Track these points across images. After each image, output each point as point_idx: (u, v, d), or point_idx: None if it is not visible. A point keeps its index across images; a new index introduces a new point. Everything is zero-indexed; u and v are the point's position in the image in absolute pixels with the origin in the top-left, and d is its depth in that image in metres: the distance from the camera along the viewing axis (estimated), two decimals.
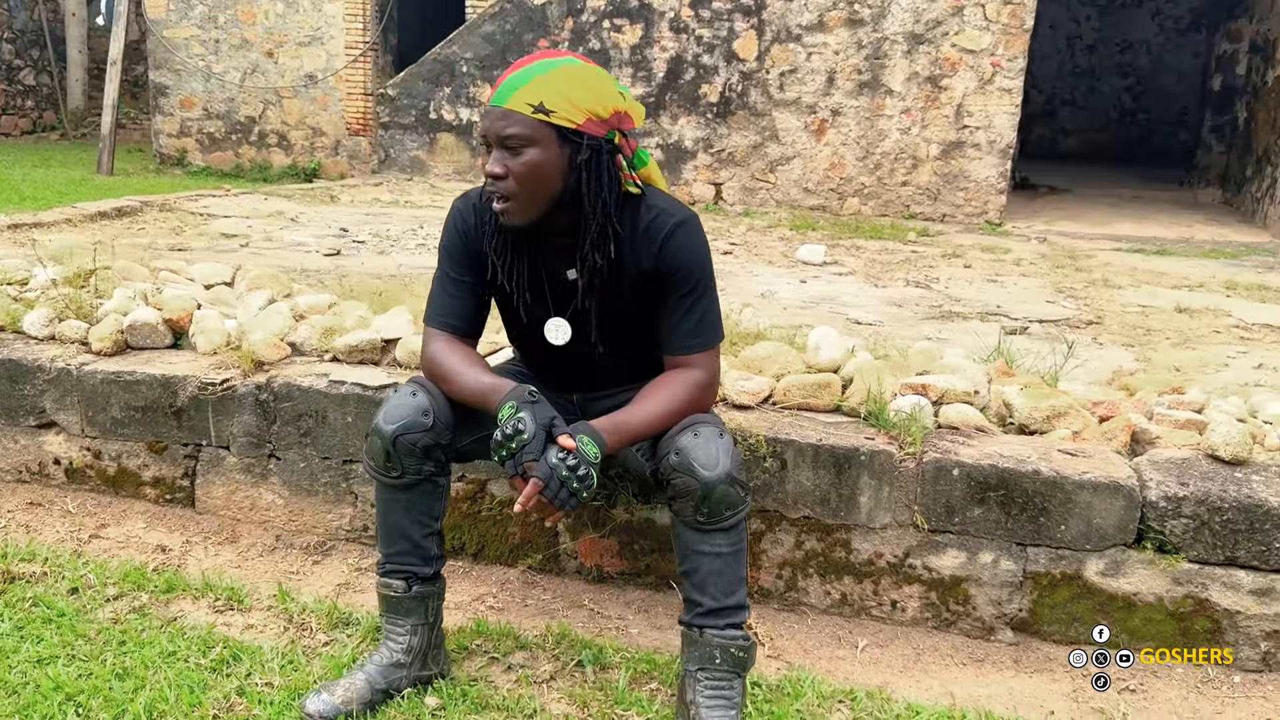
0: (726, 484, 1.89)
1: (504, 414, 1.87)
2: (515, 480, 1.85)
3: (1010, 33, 7.27)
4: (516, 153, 1.86)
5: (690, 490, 1.89)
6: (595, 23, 7.98)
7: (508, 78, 1.89)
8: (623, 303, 2.02)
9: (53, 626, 2.22)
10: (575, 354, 2.10)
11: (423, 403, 1.99)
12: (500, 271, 2.01)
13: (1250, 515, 2.20)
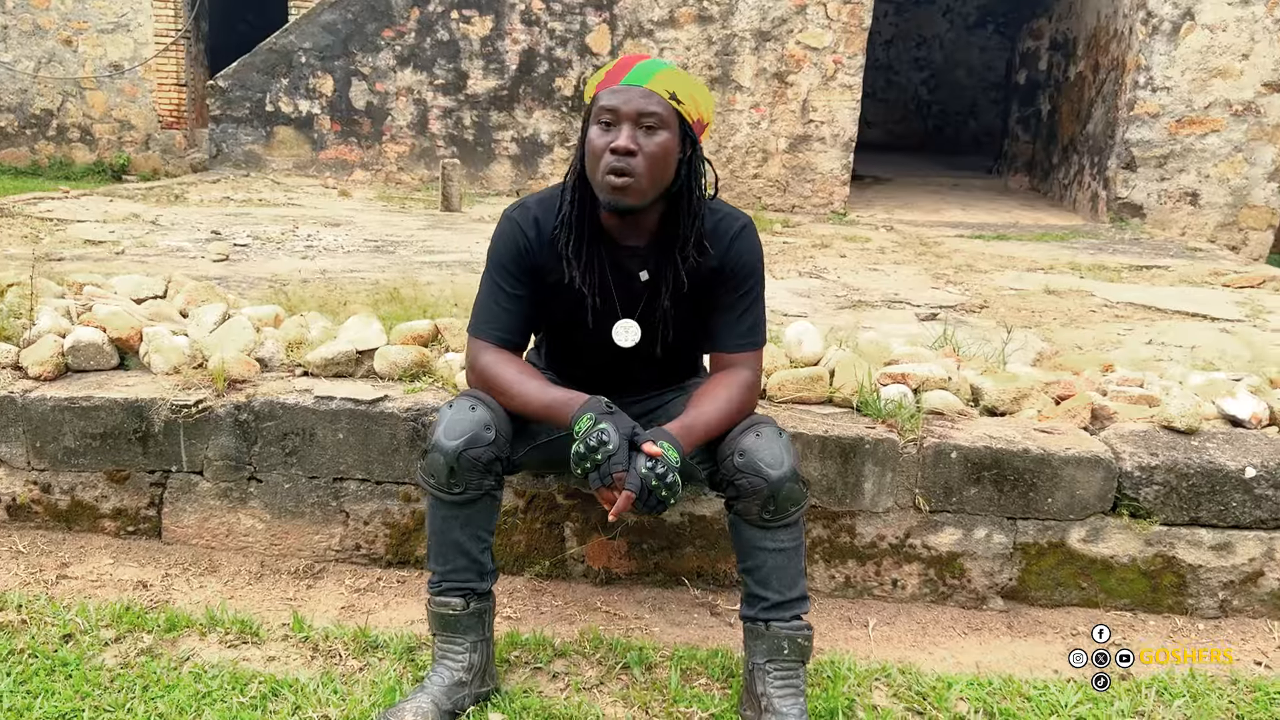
0: (792, 481, 1.96)
1: (582, 425, 1.87)
2: (601, 491, 1.85)
3: (850, 31, 7.64)
4: (652, 132, 1.89)
5: (757, 490, 1.95)
6: (443, 13, 7.83)
7: (637, 64, 1.92)
8: (686, 302, 2.06)
9: (59, 678, 2.05)
10: (626, 357, 2.12)
11: (484, 416, 1.96)
12: (576, 275, 2.00)
13: (1211, 479, 2.47)
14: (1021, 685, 2.23)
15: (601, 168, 1.91)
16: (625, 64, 1.94)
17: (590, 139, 1.93)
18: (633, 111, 1.89)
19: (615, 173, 1.89)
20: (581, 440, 1.85)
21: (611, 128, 1.91)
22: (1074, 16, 9.03)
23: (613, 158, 1.89)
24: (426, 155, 8.10)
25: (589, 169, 1.95)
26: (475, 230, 5.87)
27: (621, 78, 1.92)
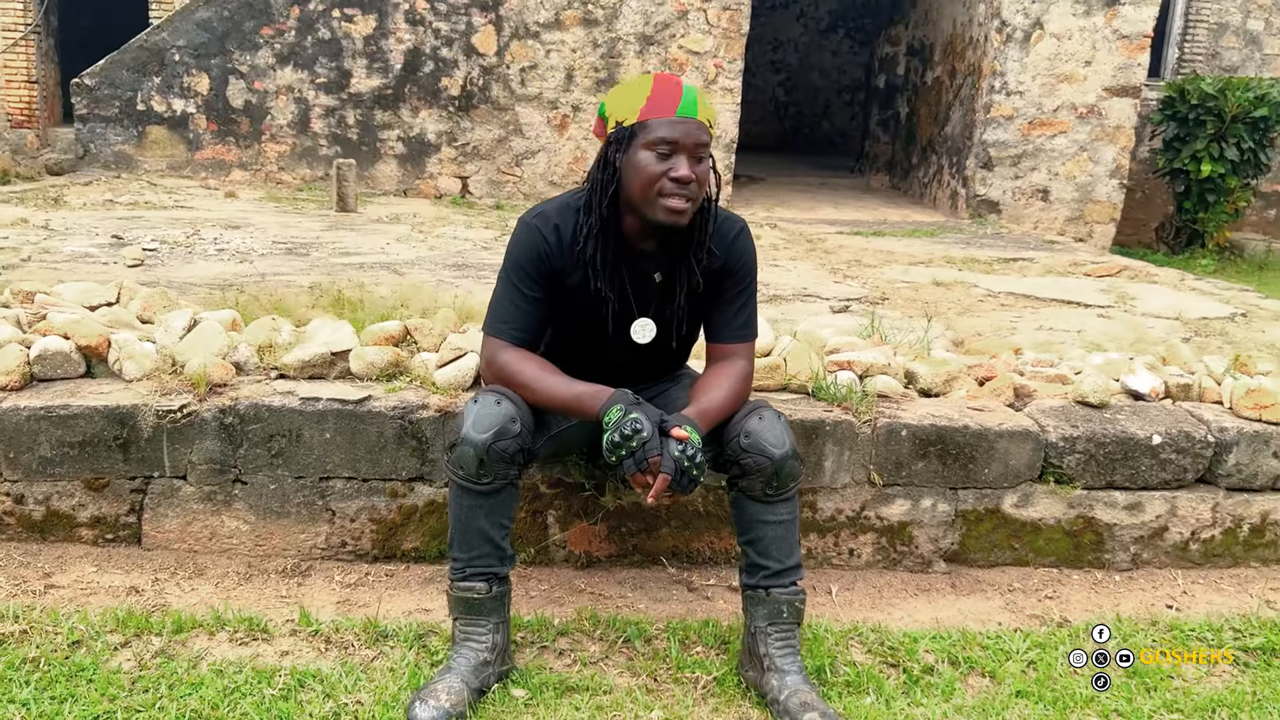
0: (792, 459, 2.16)
1: (612, 416, 2.02)
2: (636, 476, 2.00)
3: (730, 36, 7.93)
4: (701, 161, 2.07)
5: (761, 468, 2.14)
6: (325, 11, 7.73)
7: (684, 93, 2.06)
8: (695, 299, 2.24)
9: (80, 682, 2.06)
10: (637, 351, 2.28)
11: (509, 410, 2.09)
12: (602, 283, 2.14)
13: (1124, 446, 2.80)
14: (976, 636, 2.50)
15: (658, 191, 2.06)
16: (671, 91, 2.07)
17: (643, 164, 2.06)
18: (691, 144, 2.05)
19: (678, 198, 2.05)
20: (615, 430, 2.00)
21: (668, 158, 2.05)
22: (930, 24, 9.60)
23: (674, 185, 2.04)
24: (309, 155, 7.98)
25: (637, 190, 2.09)
26: (379, 232, 5.87)
27: (675, 108, 2.05)
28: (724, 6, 7.86)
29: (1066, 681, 2.31)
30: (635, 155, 2.08)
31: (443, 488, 2.67)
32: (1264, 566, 2.92)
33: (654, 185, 2.07)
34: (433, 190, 8.05)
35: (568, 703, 2.13)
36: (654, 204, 2.09)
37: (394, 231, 5.92)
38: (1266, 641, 2.51)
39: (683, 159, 2.06)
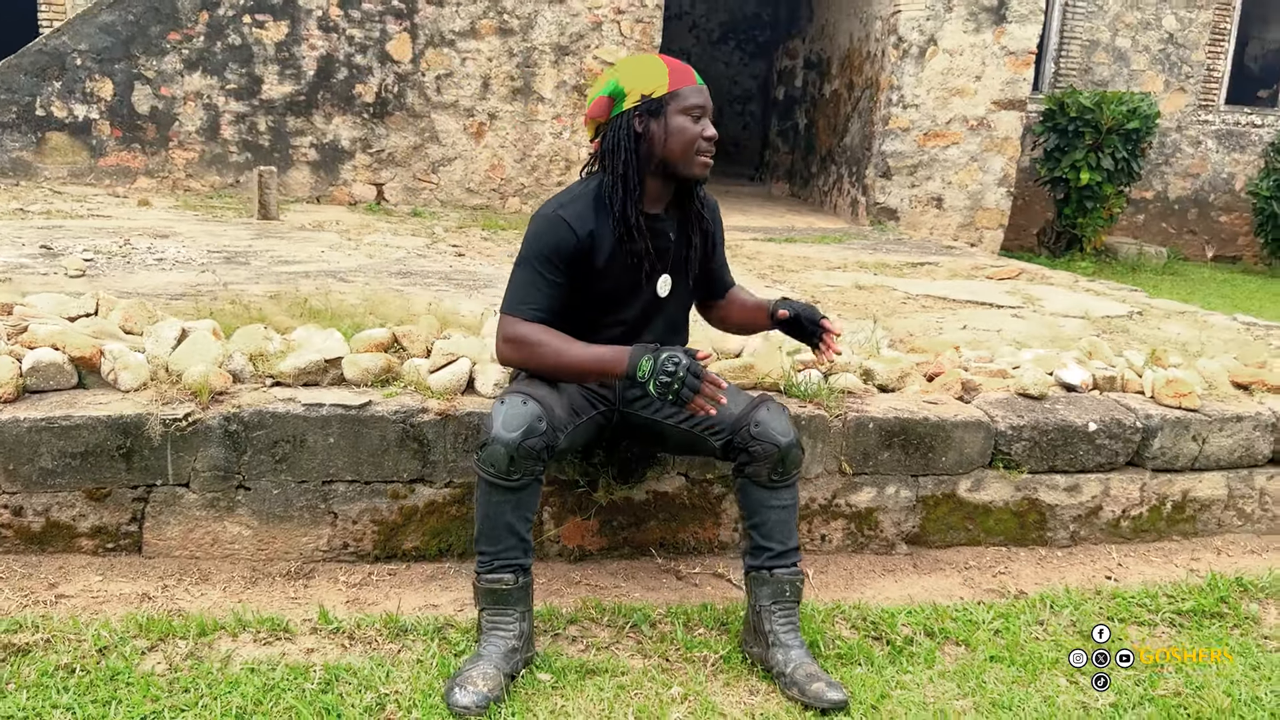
0: (795, 447, 2.35)
1: (645, 366, 2.19)
2: (695, 402, 2.18)
3: (643, 48, 8.13)
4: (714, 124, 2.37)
5: (769, 454, 2.32)
6: (235, 17, 7.62)
7: (690, 68, 2.37)
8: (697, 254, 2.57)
9: (119, 685, 2.10)
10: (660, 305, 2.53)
11: (536, 409, 2.22)
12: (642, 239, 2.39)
13: (1065, 433, 3.08)
14: (946, 610, 2.73)
15: (696, 150, 2.36)
16: (684, 67, 2.38)
17: (684, 128, 2.34)
18: (712, 108, 2.38)
19: (708, 155, 2.38)
20: (657, 375, 2.17)
21: (699, 120, 2.34)
22: (827, 39, 9.99)
23: (706, 143, 2.36)
24: (218, 162, 7.85)
25: (678, 149, 2.35)
26: (310, 240, 5.85)
27: (693, 79, 2.37)
28: (637, 19, 8.06)
29: (1033, 646, 2.56)
30: (672, 120, 2.34)
31: (442, 488, 2.76)
32: (1185, 539, 3.24)
33: (694, 144, 2.35)
34: (347, 197, 8.01)
35: (591, 684, 2.27)
36: (692, 161, 2.37)
37: (324, 239, 5.91)
38: (1197, 605, 2.81)
39: (707, 121, 2.36)
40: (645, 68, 2.38)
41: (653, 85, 2.35)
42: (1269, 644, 2.66)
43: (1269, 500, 3.28)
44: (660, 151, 2.36)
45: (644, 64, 2.39)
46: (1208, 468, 3.22)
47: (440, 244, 6.13)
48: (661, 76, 2.35)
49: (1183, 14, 11.30)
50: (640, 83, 2.36)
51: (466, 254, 5.80)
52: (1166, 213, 11.87)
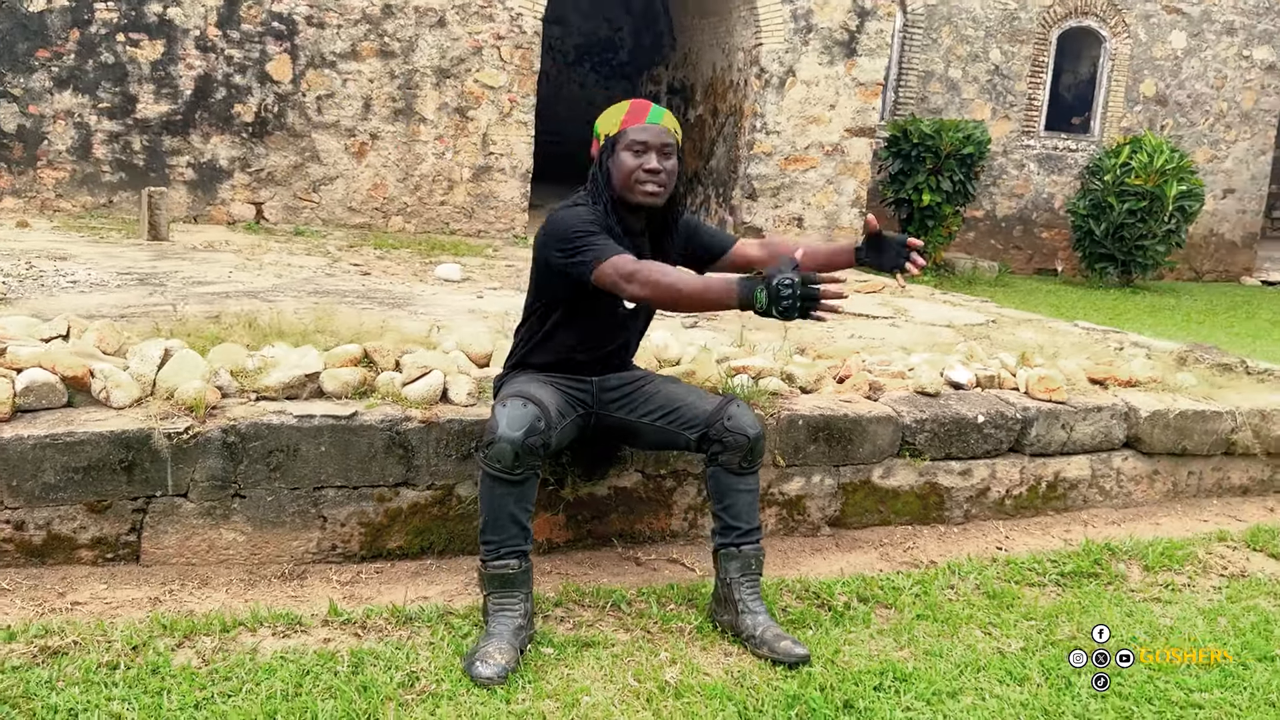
0: (761, 439, 2.72)
1: (760, 297, 2.31)
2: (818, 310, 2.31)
3: (522, 73, 8.42)
4: (668, 156, 2.66)
5: (740, 444, 2.67)
6: (108, 35, 7.49)
7: (651, 108, 2.67)
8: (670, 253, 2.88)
9: (164, 678, 2.26)
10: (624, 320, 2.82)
11: (535, 411, 2.50)
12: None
13: (959, 425, 3.55)
14: (873, 579, 3.14)
15: (635, 180, 2.64)
16: (643, 108, 2.69)
17: (623, 162, 2.65)
18: (659, 144, 2.65)
19: (651, 184, 2.65)
20: (776, 302, 2.28)
21: (640, 154, 2.63)
22: (690, 67, 10.51)
23: (646, 175, 2.64)
24: (90, 181, 7.68)
25: (620, 181, 2.66)
26: (210, 260, 5.87)
27: (642, 119, 2.65)
28: (516, 45, 8.34)
29: (949, 606, 2.99)
30: (618, 156, 2.66)
31: (425, 490, 2.99)
32: (1058, 514, 3.77)
33: (631, 175, 2.65)
34: (225, 216, 7.97)
35: (589, 654, 2.56)
36: (633, 189, 2.67)
37: (224, 260, 5.94)
38: (1076, 567, 3.31)
39: (652, 154, 2.65)
40: (611, 113, 2.74)
41: (609, 127, 2.71)
42: (1136, 595, 3.18)
43: (1124, 478, 3.84)
44: (613, 183, 2.69)
45: (613, 110, 2.75)
46: (1074, 452, 3.75)
47: (340, 263, 6.24)
48: (617, 119, 2.70)
49: (1006, 48, 12.38)
50: (604, 125, 2.73)
51: (371, 273, 5.95)
52: (995, 230, 12.93)
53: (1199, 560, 3.44)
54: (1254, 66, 13.40)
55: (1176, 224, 11.45)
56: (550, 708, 2.31)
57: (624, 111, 2.71)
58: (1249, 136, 13.63)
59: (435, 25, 8.14)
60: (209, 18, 7.68)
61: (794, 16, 9.05)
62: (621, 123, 2.68)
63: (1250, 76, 13.43)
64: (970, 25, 12.22)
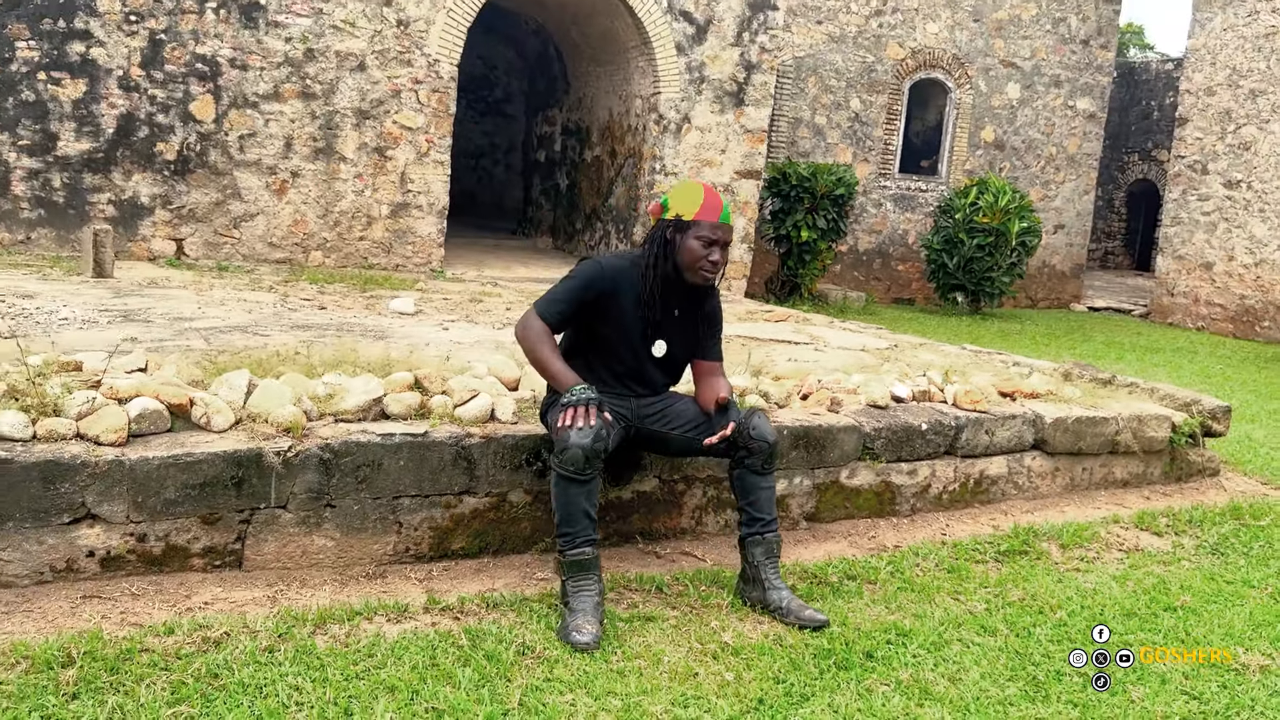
0: (778, 444, 3.29)
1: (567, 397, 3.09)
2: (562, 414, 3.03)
3: (439, 115, 8.83)
4: (726, 250, 3.21)
5: (763, 449, 3.24)
6: (29, 74, 7.52)
7: (723, 207, 3.21)
8: (693, 331, 3.36)
9: (321, 656, 2.65)
10: (653, 362, 3.33)
11: (599, 423, 3.01)
12: (653, 312, 3.23)
13: (908, 432, 4.22)
14: (854, 561, 3.75)
15: (700, 266, 3.20)
16: (714, 205, 3.21)
17: (693, 249, 3.19)
18: (725, 240, 3.22)
19: (710, 273, 3.22)
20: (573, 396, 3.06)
21: (708, 247, 3.17)
22: (585, 110, 11.11)
23: (710, 265, 3.20)
24: (8, 218, 7.65)
25: (686, 262, 3.19)
26: (169, 297, 6.06)
27: (718, 216, 3.20)
28: (433, 89, 8.75)
29: (920, 579, 3.63)
30: (688, 240, 3.20)
31: (483, 497, 3.44)
32: (983, 506, 4.48)
33: (698, 262, 3.20)
34: (146, 252, 8.06)
35: (654, 626, 3.07)
36: (695, 273, 3.23)
37: (182, 296, 6.14)
38: (1010, 547, 4.01)
39: (716, 249, 3.20)
40: (687, 195, 3.25)
41: (684, 211, 3.23)
42: (1060, 567, 3.90)
43: (1033, 474, 4.60)
44: (676, 257, 3.24)
45: (689, 192, 3.26)
46: (995, 453, 4.48)
47: (290, 299, 6.51)
48: (694, 207, 3.22)
49: (865, 97, 13.50)
50: (679, 205, 3.25)
51: (326, 307, 6.26)
52: (858, 263, 14.01)
53: (1102, 539, 4.21)
54: (1077, 115, 15.00)
55: (1019, 257, 12.75)
56: (641, 665, 2.82)
57: (699, 204, 3.22)
58: (1075, 178, 15.22)
59: (356, 69, 8.48)
60: (132, 58, 7.80)
61: (689, 68, 9.78)
62: (699, 214, 3.21)
63: (1074, 124, 15.02)
64: (833, 76, 13.28)
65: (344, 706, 2.45)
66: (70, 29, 7.59)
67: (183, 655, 2.59)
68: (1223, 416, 5.16)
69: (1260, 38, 12.98)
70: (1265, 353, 11.80)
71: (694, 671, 2.81)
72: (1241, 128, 13.22)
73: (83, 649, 2.55)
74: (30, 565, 2.85)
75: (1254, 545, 4.29)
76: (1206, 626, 3.42)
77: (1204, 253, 13.73)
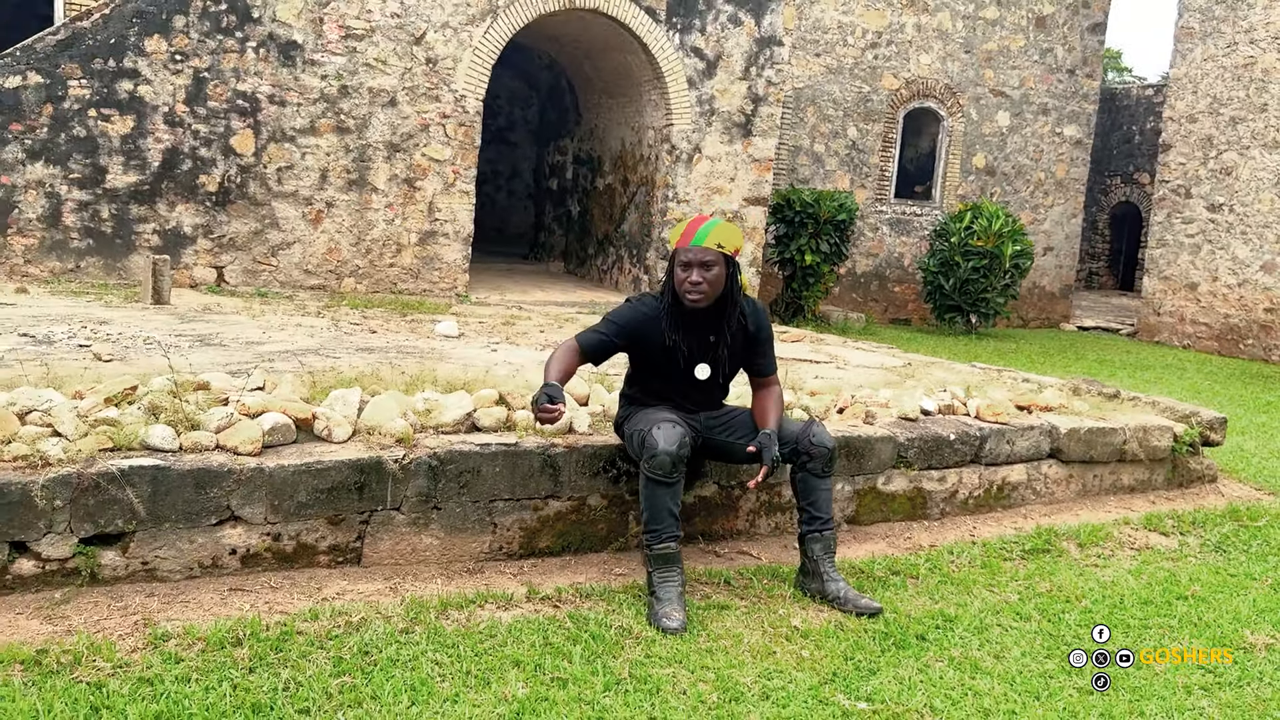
0: (836, 450, 3.69)
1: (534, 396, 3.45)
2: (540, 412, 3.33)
3: (465, 148, 9.24)
4: (708, 268, 3.50)
5: (823, 455, 3.63)
6: (80, 111, 7.90)
7: (698, 230, 3.52)
8: (735, 351, 3.71)
9: (452, 636, 3.02)
10: (699, 385, 3.68)
11: (684, 430, 3.40)
12: (678, 340, 3.57)
13: (937, 442, 4.62)
14: (895, 559, 4.14)
15: (683, 289, 3.54)
16: (690, 230, 3.55)
17: (676, 272, 3.56)
18: (698, 261, 3.51)
19: (693, 293, 3.52)
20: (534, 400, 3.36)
21: (687, 268, 3.52)
22: (596, 140, 11.55)
23: (690, 285, 3.52)
24: (59, 248, 8.01)
25: (676, 286, 3.56)
26: (231, 322, 6.42)
27: (690, 240, 3.52)
28: (460, 123, 9.16)
29: (958, 574, 4.02)
30: (674, 267, 3.58)
31: (566, 501, 3.81)
32: (1005, 510, 4.89)
33: (681, 285, 3.57)
34: (188, 280, 8.42)
35: (729, 613, 3.45)
36: (682, 295, 3.58)
37: (240, 320, 6.50)
38: (1033, 546, 4.41)
39: (694, 269, 3.54)
40: (675, 230, 3.64)
41: (673, 242, 3.62)
42: (1080, 563, 4.30)
43: (1049, 481, 5.01)
44: (674, 286, 3.61)
45: (677, 226, 3.65)
46: (1015, 461, 4.89)
47: (341, 323, 6.89)
48: (675, 237, 3.61)
49: (861, 126, 14.00)
50: (671, 240, 3.65)
51: (378, 331, 6.64)
52: (856, 285, 14.47)
53: (1115, 538, 4.62)
54: (1065, 142, 15.55)
55: (1012, 279, 13.23)
56: (725, 645, 3.20)
57: (681, 233, 3.59)
58: (1063, 202, 15.76)
59: (387, 105, 8.89)
60: (177, 95, 8.19)
61: (699, 101, 10.24)
62: (676, 242, 3.58)
63: (1062, 150, 15.56)
64: (831, 106, 13.78)
65: (480, 677, 2.83)
66: (119, 68, 7.97)
67: (333, 636, 2.96)
68: (1219, 427, 5.59)
69: (1239, 67, 13.56)
70: (1250, 369, 12.30)
71: (771, 650, 3.20)
72: (1223, 153, 13.78)
73: (246, 632, 2.92)
74: (182, 562, 3.22)
75: (1253, 543, 4.71)
76: (1216, 612, 3.83)
77: (1189, 273, 14.26)
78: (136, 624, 2.95)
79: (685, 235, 3.56)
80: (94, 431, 3.25)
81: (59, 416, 3.27)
